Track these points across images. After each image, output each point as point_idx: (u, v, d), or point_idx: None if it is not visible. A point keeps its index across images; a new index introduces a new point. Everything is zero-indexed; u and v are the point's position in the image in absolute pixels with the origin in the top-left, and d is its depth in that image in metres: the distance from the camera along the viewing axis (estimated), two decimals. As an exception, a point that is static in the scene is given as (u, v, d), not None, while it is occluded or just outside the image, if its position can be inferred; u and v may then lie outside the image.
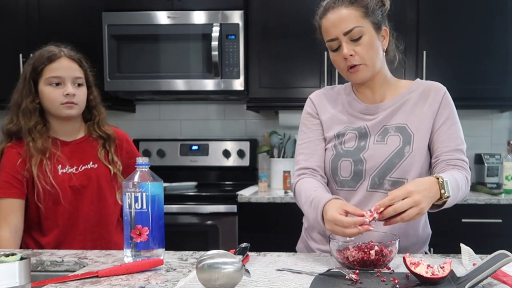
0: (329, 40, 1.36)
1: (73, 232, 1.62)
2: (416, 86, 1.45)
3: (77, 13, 2.98)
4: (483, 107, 3.08)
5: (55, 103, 1.59)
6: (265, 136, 3.19)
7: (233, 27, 2.87)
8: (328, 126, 1.46)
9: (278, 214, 2.68)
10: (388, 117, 1.41)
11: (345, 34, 1.33)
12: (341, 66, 1.38)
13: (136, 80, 2.92)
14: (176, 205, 2.69)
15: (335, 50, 1.37)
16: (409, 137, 1.38)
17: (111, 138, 1.70)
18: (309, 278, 1.08)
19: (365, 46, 1.34)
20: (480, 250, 1.26)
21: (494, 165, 3.01)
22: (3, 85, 2.98)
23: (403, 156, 1.36)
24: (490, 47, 2.86)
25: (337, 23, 1.33)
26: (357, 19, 1.33)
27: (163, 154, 3.25)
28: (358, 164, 1.38)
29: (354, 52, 1.33)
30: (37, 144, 1.57)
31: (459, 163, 1.36)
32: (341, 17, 1.33)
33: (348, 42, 1.33)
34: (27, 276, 0.94)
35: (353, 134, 1.41)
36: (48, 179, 1.56)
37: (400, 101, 1.42)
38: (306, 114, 1.50)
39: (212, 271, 0.97)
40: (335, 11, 1.34)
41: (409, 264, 1.04)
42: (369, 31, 1.34)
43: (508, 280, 1.04)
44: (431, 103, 1.40)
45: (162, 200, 1.23)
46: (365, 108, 1.43)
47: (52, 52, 1.61)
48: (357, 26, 1.32)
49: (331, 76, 2.89)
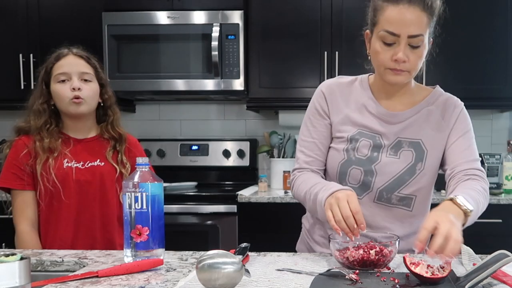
0: (388, 31, 1.25)
1: (75, 230, 1.62)
2: (435, 98, 1.41)
3: (77, 13, 2.97)
4: (483, 107, 3.08)
5: (64, 100, 1.60)
6: (265, 136, 3.19)
7: (233, 27, 2.87)
8: (339, 127, 1.40)
9: (278, 214, 2.68)
10: (404, 129, 1.37)
11: (410, 37, 1.24)
12: (384, 61, 1.28)
13: (136, 80, 2.92)
14: (176, 205, 2.69)
15: (387, 44, 1.27)
16: (422, 153, 1.36)
17: (122, 139, 1.71)
18: (309, 278, 1.08)
19: (419, 56, 1.28)
20: (480, 250, 1.26)
21: (494, 165, 3.01)
22: (3, 85, 3.02)
23: (414, 173, 1.35)
24: (490, 47, 2.86)
25: (408, 22, 1.23)
26: (425, 26, 1.26)
27: (163, 154, 3.25)
28: (368, 174, 1.36)
29: (407, 58, 1.26)
30: (44, 143, 1.59)
31: (477, 172, 1.33)
32: (415, 18, 1.23)
33: (406, 46, 1.25)
34: (27, 276, 0.94)
35: (368, 142, 1.37)
36: (50, 178, 1.57)
37: (417, 113, 1.38)
38: (315, 109, 1.43)
39: (212, 271, 0.97)
40: (411, 8, 1.23)
41: (409, 264, 1.04)
42: (425, 42, 1.28)
43: (508, 280, 1.04)
44: (448, 119, 1.38)
45: (162, 200, 1.23)
46: (382, 113, 1.38)
47: (60, 51, 1.65)
48: (422, 34, 1.25)
49: (331, 76, 2.88)
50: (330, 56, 2.89)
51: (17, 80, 2.96)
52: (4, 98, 3.00)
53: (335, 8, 2.87)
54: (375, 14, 1.29)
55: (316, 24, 2.90)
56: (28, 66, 2.97)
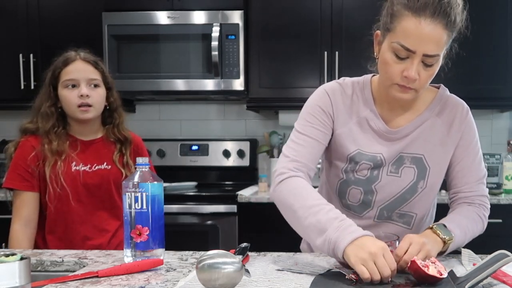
0: (402, 46, 1.13)
1: (83, 233, 1.64)
2: (439, 107, 1.31)
3: (77, 13, 2.97)
4: (483, 107, 3.07)
5: (71, 106, 1.61)
6: (265, 136, 3.19)
7: (233, 27, 2.87)
8: (341, 140, 1.30)
9: (278, 214, 2.65)
10: (406, 144, 1.29)
11: (425, 56, 1.13)
12: (393, 76, 1.17)
13: (136, 80, 2.92)
14: (176, 205, 2.69)
15: (399, 58, 1.15)
16: (425, 170, 1.29)
17: (128, 141, 1.72)
18: (309, 278, 1.08)
19: (431, 75, 1.18)
20: (480, 250, 1.26)
21: (494, 165, 3.01)
22: (3, 85, 3.02)
23: (416, 191, 1.31)
24: (490, 47, 2.86)
25: (426, 39, 1.11)
26: (443, 45, 1.15)
27: (163, 154, 3.25)
28: (368, 194, 1.32)
29: (418, 76, 1.15)
30: (52, 146, 1.60)
31: (477, 200, 1.30)
32: (435, 36, 1.12)
33: (419, 64, 1.14)
34: (27, 276, 0.93)
35: (368, 165, 1.29)
36: (59, 181, 1.59)
37: (421, 126, 1.30)
38: (318, 106, 1.30)
39: (212, 271, 0.97)
40: (433, 24, 1.11)
41: (422, 267, 1.01)
42: (440, 60, 1.18)
43: (508, 280, 1.04)
44: (453, 133, 1.30)
45: (162, 200, 1.23)
46: (383, 130, 1.29)
47: (68, 56, 1.65)
48: (438, 54, 1.15)
49: (331, 76, 2.89)
50: (330, 56, 2.89)
51: (17, 80, 2.97)
52: (4, 98, 3.00)
53: (335, 8, 2.87)
54: (392, 19, 1.15)
55: (316, 24, 2.90)
56: (28, 66, 2.97)
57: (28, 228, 1.60)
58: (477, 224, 1.29)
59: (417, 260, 1.03)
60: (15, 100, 2.98)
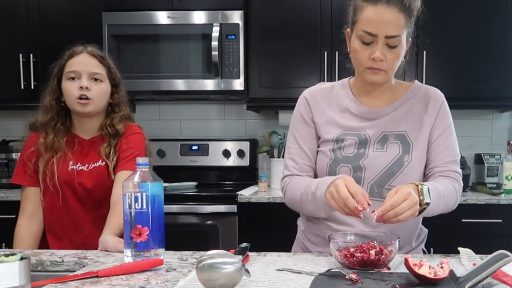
0: (366, 32, 1.28)
1: (81, 231, 1.64)
2: (415, 92, 1.43)
3: (77, 13, 2.98)
4: (483, 107, 3.08)
5: (71, 98, 1.61)
6: (265, 136, 3.19)
7: (233, 27, 2.87)
8: (324, 129, 1.43)
9: (278, 214, 2.67)
10: (388, 123, 1.40)
11: (387, 37, 1.27)
12: (362, 61, 1.32)
13: (136, 80, 2.91)
14: (176, 205, 2.69)
15: (365, 43, 1.30)
16: (408, 146, 1.38)
17: (118, 135, 1.67)
18: (309, 278, 1.08)
19: (396, 56, 1.31)
20: (480, 250, 1.26)
21: (494, 165, 3.01)
22: (3, 85, 3.02)
23: (403, 165, 1.37)
24: (490, 47, 2.86)
25: (385, 22, 1.26)
26: (402, 27, 1.28)
27: (163, 154, 3.25)
28: (357, 171, 1.37)
29: (384, 57, 1.29)
30: (48, 140, 1.60)
31: (452, 174, 1.39)
32: (392, 19, 1.26)
33: (383, 46, 1.28)
34: (27, 276, 0.93)
35: (353, 140, 1.39)
36: (54, 178, 1.59)
37: (399, 107, 1.41)
38: (300, 116, 1.46)
39: (212, 271, 0.97)
40: (389, 8, 1.26)
41: (412, 265, 1.03)
42: (403, 42, 1.30)
43: (508, 280, 1.04)
44: (430, 112, 1.40)
45: (162, 200, 1.23)
46: (364, 112, 1.41)
47: (74, 49, 1.65)
48: (399, 35, 1.28)
49: (331, 76, 2.89)
50: (330, 56, 2.89)
51: (17, 80, 2.97)
52: (4, 98, 3.01)
53: (335, 8, 2.87)
54: (355, 13, 1.32)
55: (316, 24, 2.90)
56: (28, 66, 2.97)
57: (32, 223, 1.62)
58: (452, 195, 1.35)
59: (409, 258, 1.04)
60: (15, 100, 2.98)
